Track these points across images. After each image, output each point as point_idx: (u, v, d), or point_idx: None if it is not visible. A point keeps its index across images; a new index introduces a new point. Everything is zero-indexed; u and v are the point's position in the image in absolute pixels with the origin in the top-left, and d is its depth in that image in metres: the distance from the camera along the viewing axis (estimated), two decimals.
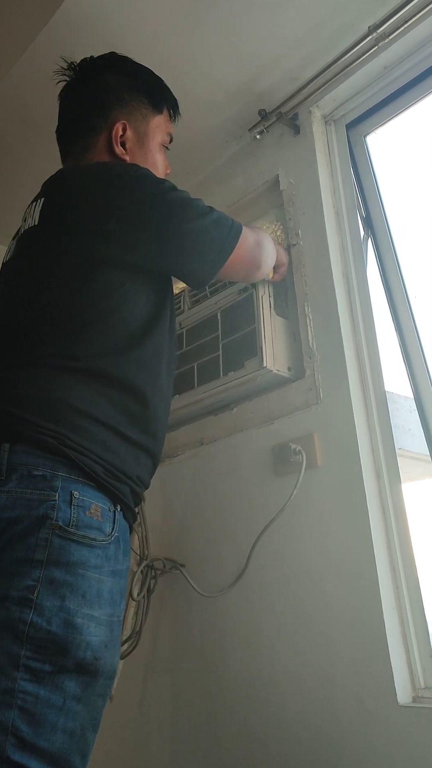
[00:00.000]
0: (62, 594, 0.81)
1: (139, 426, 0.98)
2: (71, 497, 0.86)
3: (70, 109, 1.16)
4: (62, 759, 0.80)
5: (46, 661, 0.79)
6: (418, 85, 1.40)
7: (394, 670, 1.06)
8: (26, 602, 0.79)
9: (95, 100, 1.13)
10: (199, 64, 1.48)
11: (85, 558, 0.85)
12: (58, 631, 0.80)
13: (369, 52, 1.37)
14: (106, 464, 0.92)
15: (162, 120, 1.20)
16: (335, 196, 1.48)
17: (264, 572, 1.30)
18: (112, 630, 0.87)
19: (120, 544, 0.92)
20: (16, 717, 0.76)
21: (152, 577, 1.47)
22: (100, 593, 0.85)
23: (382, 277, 1.41)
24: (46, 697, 0.79)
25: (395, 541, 1.17)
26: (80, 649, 0.81)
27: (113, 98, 1.13)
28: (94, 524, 0.88)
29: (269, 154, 1.61)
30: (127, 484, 0.95)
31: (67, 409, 0.91)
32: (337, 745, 1.11)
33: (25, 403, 0.90)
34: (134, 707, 1.52)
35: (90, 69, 1.16)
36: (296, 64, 1.49)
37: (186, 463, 1.57)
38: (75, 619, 0.82)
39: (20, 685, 0.77)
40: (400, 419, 1.41)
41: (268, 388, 1.42)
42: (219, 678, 1.35)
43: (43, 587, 0.80)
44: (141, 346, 1.00)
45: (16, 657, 0.78)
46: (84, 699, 0.83)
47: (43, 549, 0.82)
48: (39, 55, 1.43)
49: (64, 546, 0.83)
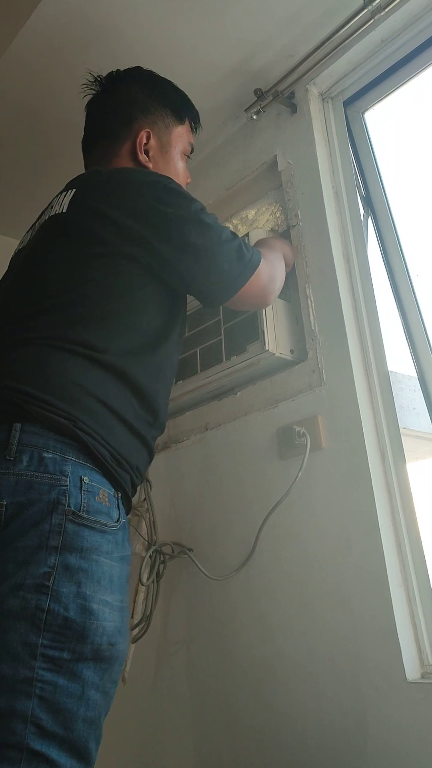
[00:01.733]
0: (78, 580, 0.81)
1: (142, 420, 0.99)
2: (81, 482, 0.86)
3: (96, 119, 1.21)
4: (81, 747, 0.81)
5: (65, 648, 0.79)
6: (415, 59, 1.38)
7: (402, 647, 1.07)
8: (43, 589, 0.79)
9: (121, 110, 1.18)
10: (191, 45, 1.46)
11: (98, 543, 0.85)
12: (76, 617, 0.80)
13: (365, 26, 1.35)
14: (113, 450, 0.92)
15: (184, 130, 1.25)
16: (334, 175, 1.46)
17: (271, 554, 1.31)
18: (123, 616, 0.88)
19: (125, 531, 0.93)
20: (36, 706, 0.77)
21: (161, 561, 1.48)
22: (112, 579, 0.86)
23: (383, 256, 1.40)
24: (65, 687, 0.79)
25: (401, 520, 1.17)
26: (97, 635, 0.82)
27: (138, 109, 1.19)
28: (104, 509, 0.88)
29: (266, 134, 1.59)
30: (129, 473, 0.96)
31: (80, 392, 0.91)
32: (348, 721, 1.12)
33: (40, 383, 0.89)
34: (148, 690, 1.54)
35: (116, 81, 1.22)
36: (291, 41, 1.46)
37: (191, 449, 1.58)
38: (92, 605, 0.82)
39: (39, 674, 0.77)
40: (404, 399, 1.41)
41: (271, 371, 1.42)
42: (230, 659, 1.36)
43: (59, 573, 0.80)
44: (154, 351, 1.02)
45: (33, 646, 0.78)
46: (101, 687, 0.83)
47: (58, 535, 0.81)
48: (25, 45, 1.41)
49: (77, 531, 0.83)
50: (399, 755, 1.05)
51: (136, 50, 1.46)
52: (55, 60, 1.47)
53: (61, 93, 1.56)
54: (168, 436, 1.65)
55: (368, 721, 1.09)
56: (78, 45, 1.43)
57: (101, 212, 1.00)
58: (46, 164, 1.79)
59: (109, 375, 0.95)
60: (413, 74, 1.40)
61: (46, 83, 1.54)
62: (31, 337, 0.94)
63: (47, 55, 1.45)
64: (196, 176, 1.78)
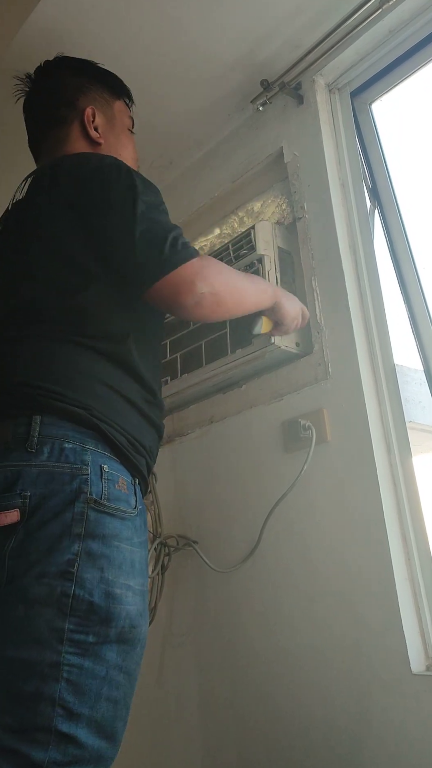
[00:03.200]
0: (101, 566, 0.83)
1: (146, 400, 1.01)
2: (101, 471, 0.88)
3: (38, 114, 1.19)
4: (108, 727, 0.83)
5: (90, 632, 0.81)
6: (424, 49, 1.36)
7: (407, 639, 1.07)
8: (67, 576, 0.81)
9: (61, 96, 1.17)
10: (195, 37, 1.45)
11: (118, 530, 0.87)
12: (100, 602, 0.82)
13: (373, 16, 1.33)
14: (129, 436, 0.94)
15: (122, 105, 1.24)
16: (341, 167, 1.45)
17: (276, 547, 1.31)
18: (144, 599, 0.91)
19: (143, 516, 0.95)
20: (63, 689, 0.79)
21: (166, 554, 1.48)
22: (133, 563, 0.88)
23: (390, 249, 1.39)
24: (90, 668, 0.81)
25: (407, 513, 1.17)
26: (121, 618, 0.84)
27: (76, 90, 1.17)
28: (123, 497, 0.90)
29: (273, 126, 1.58)
30: (144, 457, 0.98)
31: (90, 381, 0.93)
32: (353, 713, 1.13)
33: (50, 376, 0.91)
34: (153, 683, 1.55)
35: (46, 72, 1.20)
36: (297, 31, 1.45)
37: (196, 441, 1.58)
38: (114, 590, 0.84)
39: (66, 659, 0.80)
40: (410, 392, 1.40)
41: (277, 364, 1.42)
42: (236, 651, 1.37)
43: (82, 560, 0.82)
44: (145, 330, 1.02)
45: (60, 631, 0.80)
46: (125, 668, 0.86)
47: (80, 523, 0.83)
48: (31, 33, 1.40)
49: (99, 519, 0.85)
50: (404, 747, 1.05)
51: (142, 42, 1.45)
52: (60, 47, 1.46)
53: None
54: (173, 430, 1.65)
55: (373, 713, 1.10)
56: (82, 37, 1.42)
57: (66, 201, 0.98)
58: None
59: (111, 360, 0.96)
60: (421, 65, 1.39)
61: None
62: (31, 334, 0.95)
63: (52, 40, 1.44)
64: (201, 169, 1.78)
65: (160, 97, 1.62)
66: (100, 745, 0.82)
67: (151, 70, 1.54)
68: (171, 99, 1.62)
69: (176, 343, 1.58)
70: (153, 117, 1.67)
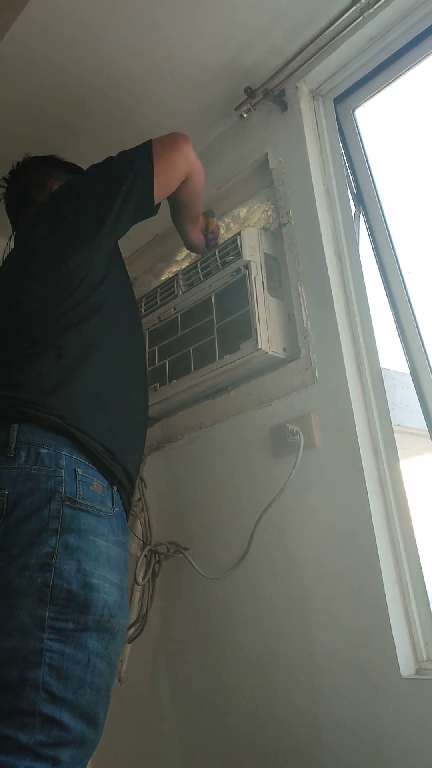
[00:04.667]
0: (78, 557, 0.89)
1: (126, 410, 1.09)
2: (75, 474, 0.95)
3: (16, 199, 1.40)
4: (91, 712, 0.88)
5: (69, 619, 0.87)
6: (405, 56, 1.38)
7: (396, 643, 1.07)
8: (47, 567, 0.87)
9: (33, 183, 1.37)
10: (179, 43, 1.46)
11: (93, 526, 0.93)
12: (78, 590, 0.88)
13: (354, 23, 1.35)
14: (104, 443, 1.01)
15: None
16: (325, 173, 1.46)
17: (266, 552, 1.31)
18: (122, 594, 0.97)
19: (121, 520, 1.00)
20: (46, 674, 0.84)
21: (156, 561, 1.48)
22: (109, 558, 0.94)
23: (375, 254, 1.40)
24: (72, 655, 0.86)
25: (395, 517, 1.18)
26: (98, 607, 0.89)
27: (46, 175, 1.37)
28: (97, 498, 0.97)
29: (257, 132, 1.59)
30: (121, 465, 1.03)
31: (67, 391, 1.00)
32: (344, 717, 1.13)
33: (28, 387, 0.99)
34: (144, 690, 1.54)
35: (21, 168, 1.41)
36: (280, 38, 1.46)
37: (186, 448, 1.58)
38: (92, 580, 0.90)
39: (47, 645, 0.85)
40: (397, 396, 1.41)
41: (265, 369, 1.42)
42: (226, 657, 1.36)
43: (60, 553, 0.88)
44: (124, 329, 1.15)
45: (41, 619, 0.85)
46: (106, 656, 0.91)
47: (57, 519, 0.90)
48: (10, 46, 1.41)
49: (75, 515, 0.92)
50: (395, 751, 1.05)
51: (124, 49, 1.46)
52: (42, 60, 1.47)
53: (52, 93, 1.56)
54: (162, 436, 1.65)
55: (364, 717, 1.10)
56: (64, 45, 1.43)
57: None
58: None
59: (91, 367, 1.04)
60: (403, 71, 1.40)
61: (36, 84, 1.53)
62: (11, 349, 1.05)
63: (32, 56, 1.45)
64: None
65: (145, 104, 1.62)
66: (83, 728, 0.86)
67: (135, 78, 1.54)
68: (156, 106, 1.63)
69: (165, 350, 1.58)
70: (139, 124, 1.68)
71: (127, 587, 1.01)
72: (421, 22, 1.32)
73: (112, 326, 1.12)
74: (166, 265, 1.86)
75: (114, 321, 1.13)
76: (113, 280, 1.17)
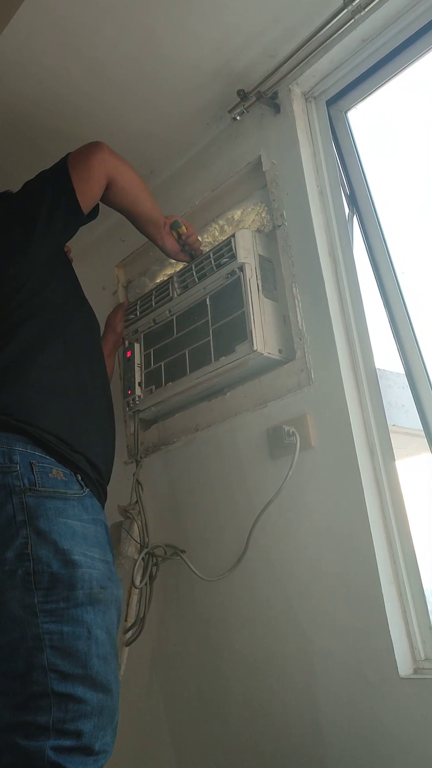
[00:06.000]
0: (52, 540, 0.92)
1: (88, 400, 1.13)
2: (31, 466, 0.97)
3: None
4: (102, 680, 0.91)
5: (59, 599, 0.90)
6: (396, 58, 1.38)
7: (394, 643, 1.08)
8: (24, 557, 0.90)
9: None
10: (172, 46, 1.46)
11: (61, 508, 0.96)
12: (61, 570, 0.91)
13: (346, 26, 1.35)
14: (59, 435, 1.03)
15: None
16: (318, 174, 1.46)
17: (264, 553, 1.32)
18: (109, 568, 0.99)
19: (93, 499, 1.02)
20: (50, 655, 0.87)
21: (153, 564, 1.48)
22: (86, 536, 0.96)
23: (369, 255, 1.41)
24: (71, 632, 0.89)
25: (391, 516, 1.18)
26: (85, 581, 0.92)
27: None
28: (60, 482, 0.99)
29: (250, 135, 1.59)
30: (82, 454, 1.05)
31: (19, 386, 1.04)
32: (341, 717, 1.13)
33: None
34: (142, 692, 1.54)
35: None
36: (273, 41, 1.46)
37: (182, 450, 1.58)
38: (72, 557, 0.92)
39: (44, 628, 0.88)
40: (393, 396, 1.41)
41: (260, 371, 1.42)
42: (224, 659, 1.36)
43: (33, 540, 0.91)
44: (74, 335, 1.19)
45: (32, 606, 0.88)
46: (104, 627, 0.93)
47: (22, 510, 0.92)
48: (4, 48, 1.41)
49: (39, 503, 0.94)
50: (393, 751, 1.05)
51: (116, 53, 1.46)
52: (33, 65, 1.47)
53: (44, 98, 1.56)
54: (158, 438, 1.65)
55: (362, 717, 1.10)
56: (56, 49, 1.43)
57: None
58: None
59: (39, 363, 1.07)
60: (395, 73, 1.40)
61: (27, 89, 1.53)
62: None
63: (23, 61, 1.45)
64: (181, 178, 1.79)
65: (139, 107, 1.63)
66: (99, 698, 0.90)
67: (127, 81, 1.54)
68: (150, 109, 1.63)
69: (160, 352, 1.58)
70: (133, 127, 1.68)
71: (113, 560, 1.03)
72: (413, 24, 1.33)
73: (60, 322, 1.17)
74: (161, 267, 1.86)
75: (62, 317, 1.18)
76: (59, 280, 1.23)
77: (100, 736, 0.90)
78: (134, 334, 1.67)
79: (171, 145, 1.75)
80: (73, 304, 1.26)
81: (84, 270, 1.85)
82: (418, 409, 1.27)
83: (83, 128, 1.65)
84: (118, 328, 1.65)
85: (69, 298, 1.26)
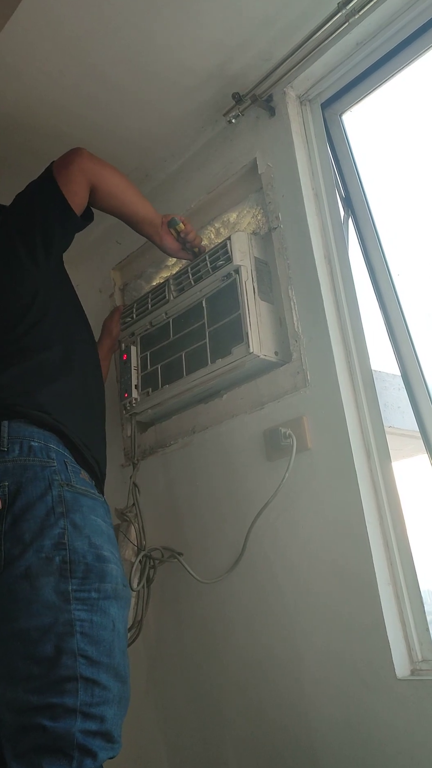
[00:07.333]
0: (87, 534, 0.97)
1: (92, 408, 1.20)
2: (66, 464, 1.03)
3: None
4: (122, 672, 0.96)
5: (91, 589, 0.94)
6: (390, 61, 1.39)
7: (391, 644, 1.08)
8: (61, 546, 0.94)
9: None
10: (167, 49, 1.46)
11: (92, 506, 1.02)
12: (94, 562, 0.96)
13: (340, 29, 1.36)
14: (83, 439, 1.10)
15: None
16: (314, 177, 1.47)
17: (261, 555, 1.32)
18: (123, 567, 1.05)
19: (107, 505, 1.09)
20: (80, 641, 0.91)
21: (151, 566, 1.48)
22: (110, 536, 1.03)
23: (365, 257, 1.41)
24: (99, 622, 0.94)
25: (388, 518, 1.18)
26: (113, 576, 0.98)
27: None
28: (88, 483, 1.06)
29: (246, 137, 1.60)
30: (96, 459, 1.13)
31: (50, 393, 1.09)
32: (339, 719, 1.13)
33: (17, 387, 1.07)
34: (140, 696, 1.53)
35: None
36: (267, 44, 1.47)
37: (179, 452, 1.58)
38: (102, 552, 0.98)
39: (76, 615, 0.92)
40: (389, 397, 1.42)
41: (257, 373, 1.43)
42: (221, 660, 1.36)
43: (69, 532, 0.96)
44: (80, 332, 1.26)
45: (66, 592, 0.92)
46: (123, 622, 0.99)
47: (60, 503, 0.97)
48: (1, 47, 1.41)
49: (75, 498, 1.00)
50: (389, 752, 1.05)
51: (113, 56, 1.46)
52: (30, 68, 1.47)
53: (41, 101, 1.56)
54: (155, 441, 1.65)
55: (359, 718, 1.10)
56: (52, 52, 1.43)
57: None
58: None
59: (65, 367, 1.14)
60: (389, 76, 1.41)
61: (25, 92, 1.54)
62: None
63: (20, 64, 1.45)
64: (177, 181, 1.79)
65: (134, 110, 1.63)
66: (119, 687, 0.94)
67: (124, 84, 1.55)
68: (145, 112, 1.64)
69: (157, 355, 1.59)
70: (128, 130, 1.68)
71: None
72: (407, 26, 1.34)
73: (69, 332, 1.22)
74: (157, 270, 1.86)
75: (70, 327, 1.24)
76: (64, 287, 1.29)
77: (118, 724, 0.94)
78: (131, 337, 1.67)
79: (166, 148, 1.75)
80: (76, 313, 1.31)
81: (80, 273, 1.86)
82: (414, 410, 1.27)
83: (78, 131, 1.66)
84: (114, 331, 1.67)
85: (73, 307, 1.31)
